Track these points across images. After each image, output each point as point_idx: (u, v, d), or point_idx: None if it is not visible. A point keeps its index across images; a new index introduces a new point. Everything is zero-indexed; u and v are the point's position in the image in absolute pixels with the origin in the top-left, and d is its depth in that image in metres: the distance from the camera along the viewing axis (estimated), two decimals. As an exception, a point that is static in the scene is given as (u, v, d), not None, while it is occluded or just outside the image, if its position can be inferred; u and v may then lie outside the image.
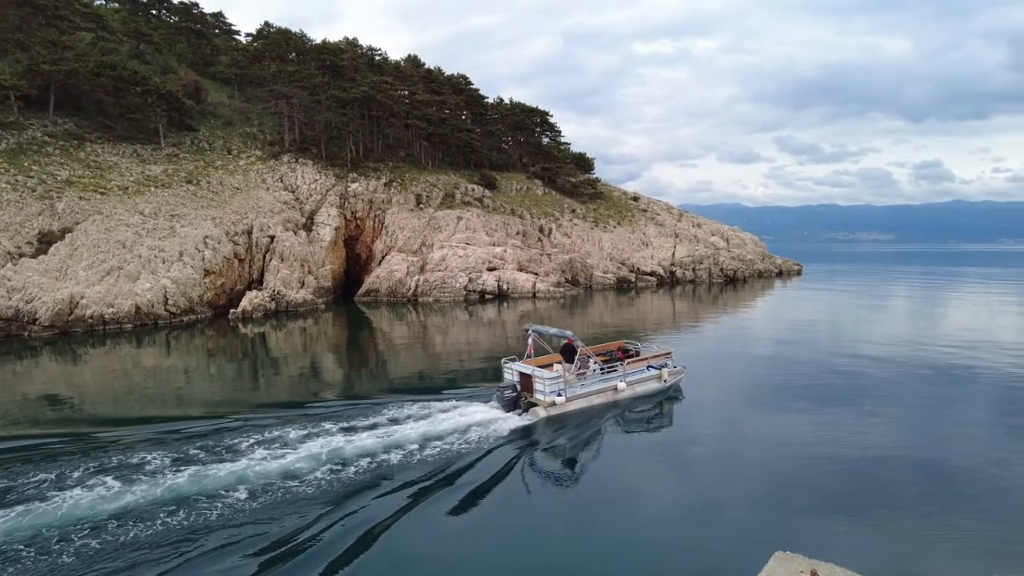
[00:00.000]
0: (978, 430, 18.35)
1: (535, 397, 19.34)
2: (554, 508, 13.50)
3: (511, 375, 20.48)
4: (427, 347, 34.03)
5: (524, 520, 12.81)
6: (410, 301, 52.29)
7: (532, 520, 12.80)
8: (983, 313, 46.88)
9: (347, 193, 58.99)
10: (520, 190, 76.79)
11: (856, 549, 11.15)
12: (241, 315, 41.84)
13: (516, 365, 20.49)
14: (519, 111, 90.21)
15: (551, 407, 18.94)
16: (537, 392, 19.31)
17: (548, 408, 18.93)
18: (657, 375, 21.70)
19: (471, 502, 13.32)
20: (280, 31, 78.36)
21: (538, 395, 19.26)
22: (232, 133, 61.08)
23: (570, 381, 19.51)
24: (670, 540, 11.91)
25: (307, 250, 50.76)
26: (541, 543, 11.72)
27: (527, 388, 19.71)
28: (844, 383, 24.01)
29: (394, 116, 70.64)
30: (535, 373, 19.52)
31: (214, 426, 17.92)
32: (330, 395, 23.13)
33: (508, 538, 12.18)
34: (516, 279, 56.50)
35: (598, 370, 20.58)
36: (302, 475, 14.13)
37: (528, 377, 19.60)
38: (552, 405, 18.94)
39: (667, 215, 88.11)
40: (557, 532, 12.25)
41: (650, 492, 14.40)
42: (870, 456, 15.95)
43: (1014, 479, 14.34)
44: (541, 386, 19.21)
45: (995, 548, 11.31)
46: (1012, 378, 24.40)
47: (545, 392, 19.06)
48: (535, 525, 12.55)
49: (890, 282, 79.79)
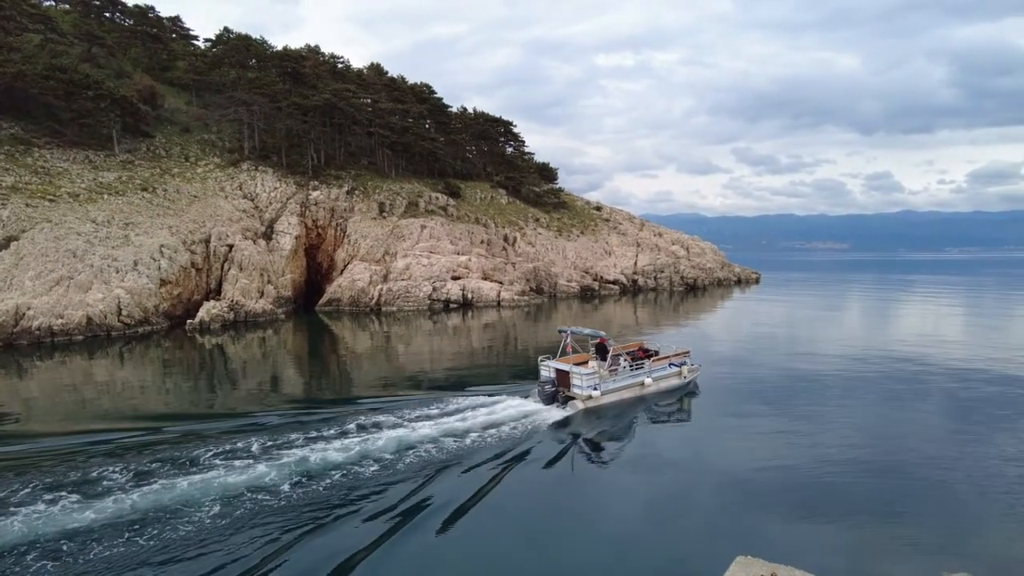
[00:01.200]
0: (927, 433, 19.01)
1: (572, 391, 21.22)
2: (548, 497, 13.73)
3: (548, 372, 22.14)
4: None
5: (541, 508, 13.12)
6: (373, 311, 51.76)
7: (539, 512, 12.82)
8: (931, 320, 48.60)
9: (308, 201, 58.18)
10: (484, 199, 76.88)
11: (815, 551, 11.43)
12: (198, 326, 40.85)
13: (552, 363, 22.29)
14: (483, 121, 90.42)
15: (588, 400, 20.88)
16: (575, 387, 21.19)
17: (586, 401, 20.86)
18: (677, 372, 24.00)
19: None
20: (240, 37, 77.00)
21: (575, 390, 21.16)
22: (190, 140, 59.74)
23: (604, 377, 21.52)
24: (635, 546, 11.99)
25: (267, 259, 49.87)
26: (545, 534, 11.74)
27: (564, 383, 21.53)
28: (801, 388, 24.62)
29: (356, 124, 70.04)
30: (572, 370, 21.34)
31: (172, 435, 17.46)
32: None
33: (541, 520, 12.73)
34: (481, 288, 56.46)
35: (627, 367, 22.75)
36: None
37: (565, 374, 21.49)
38: (589, 398, 20.88)
39: (629, 224, 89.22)
40: (541, 527, 12.28)
41: (614, 497, 14.50)
42: (826, 459, 16.37)
43: (959, 479, 14.89)
44: (579, 381, 21.08)
45: (943, 545, 11.72)
46: (958, 382, 25.34)
47: (582, 387, 20.97)
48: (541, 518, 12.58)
49: (845, 290, 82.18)
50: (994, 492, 14.14)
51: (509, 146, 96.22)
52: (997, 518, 13.00)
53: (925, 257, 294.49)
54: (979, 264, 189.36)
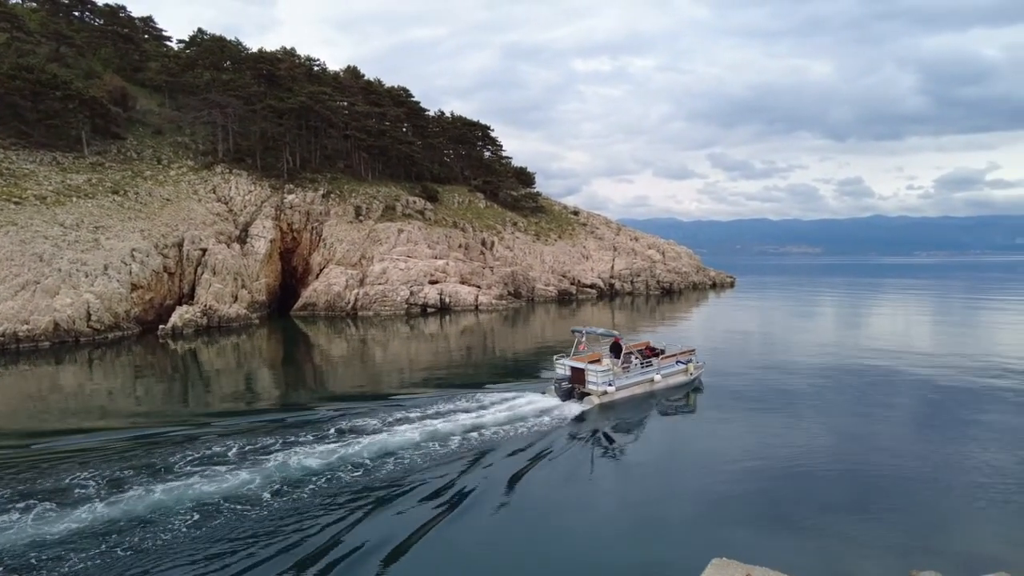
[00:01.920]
0: (896, 433, 19.39)
1: (588, 387, 22.28)
2: (530, 498, 13.60)
3: (563, 370, 23.21)
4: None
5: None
6: (349, 315, 51.36)
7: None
8: (901, 323, 49.60)
9: (283, 205, 57.61)
10: (462, 203, 76.80)
11: (789, 551, 11.57)
12: (171, 331, 40.17)
13: (567, 361, 23.36)
14: (461, 124, 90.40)
15: (603, 395, 22.03)
16: (590, 383, 22.31)
17: (601, 396, 21.98)
18: (684, 369, 25.12)
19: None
20: (214, 38, 76.06)
21: (591, 386, 22.27)
22: (162, 142, 58.78)
23: (617, 374, 22.80)
24: (611, 548, 12.02)
25: (241, 263, 49.24)
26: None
27: (578, 380, 22.55)
28: (775, 390, 24.94)
29: (332, 127, 69.54)
30: (588, 368, 22.47)
31: (145, 441, 17.12)
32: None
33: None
34: (458, 292, 56.33)
35: (639, 365, 23.93)
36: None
37: (581, 371, 22.58)
38: (604, 394, 22.04)
39: (606, 229, 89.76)
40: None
41: (592, 499, 14.54)
42: (800, 460, 16.61)
43: (927, 478, 15.21)
44: (594, 378, 22.27)
45: (912, 543, 11.94)
46: (926, 383, 25.89)
47: (598, 383, 22.14)
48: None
49: (818, 293, 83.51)
50: (959, 490, 14.46)
51: (487, 150, 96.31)
52: (962, 516, 13.30)
53: (895, 261, 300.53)
54: (947, 268, 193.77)
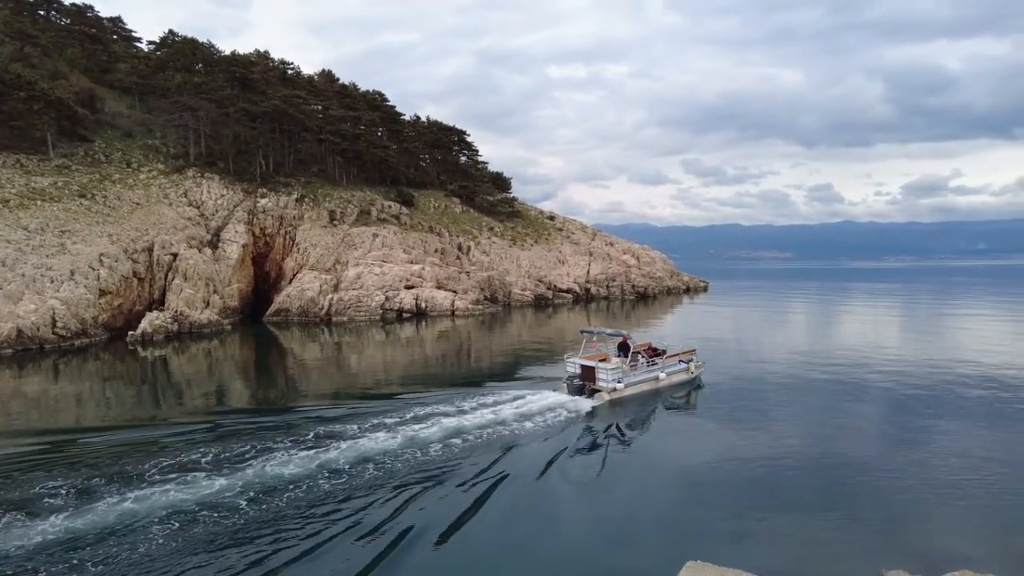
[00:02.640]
0: (867, 434, 19.74)
1: (598, 384, 23.39)
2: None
3: (574, 368, 24.28)
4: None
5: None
6: (323, 321, 50.83)
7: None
8: (870, 327, 50.58)
9: (256, 209, 56.89)
10: (438, 208, 76.62)
11: (763, 553, 11.67)
12: (140, 337, 39.35)
13: (578, 360, 24.46)
14: (436, 129, 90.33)
15: (613, 392, 23.14)
16: (600, 381, 23.41)
17: (611, 393, 23.08)
18: (685, 368, 26.31)
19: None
20: (186, 40, 74.95)
21: (601, 383, 23.36)
22: (132, 145, 57.66)
23: (626, 372, 23.90)
24: (586, 552, 12.03)
25: (212, 268, 48.48)
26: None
27: (588, 378, 23.66)
28: (747, 392, 25.24)
29: (307, 131, 68.93)
30: (598, 366, 23.61)
31: (115, 449, 16.71)
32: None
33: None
34: (435, 297, 56.11)
35: (644, 363, 25.03)
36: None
37: (591, 369, 23.68)
38: (614, 391, 23.15)
39: (582, 234, 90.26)
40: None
41: (570, 505, 14.53)
42: (772, 461, 16.81)
43: (895, 480, 15.48)
44: (604, 376, 23.39)
45: (882, 543, 12.13)
46: (895, 384, 26.40)
47: (608, 380, 23.26)
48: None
49: (789, 298, 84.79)
50: (925, 490, 14.75)
51: (463, 155, 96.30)
52: (928, 515, 13.58)
53: (865, 266, 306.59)
54: (913, 273, 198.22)
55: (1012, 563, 11.23)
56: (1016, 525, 12.96)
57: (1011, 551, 11.91)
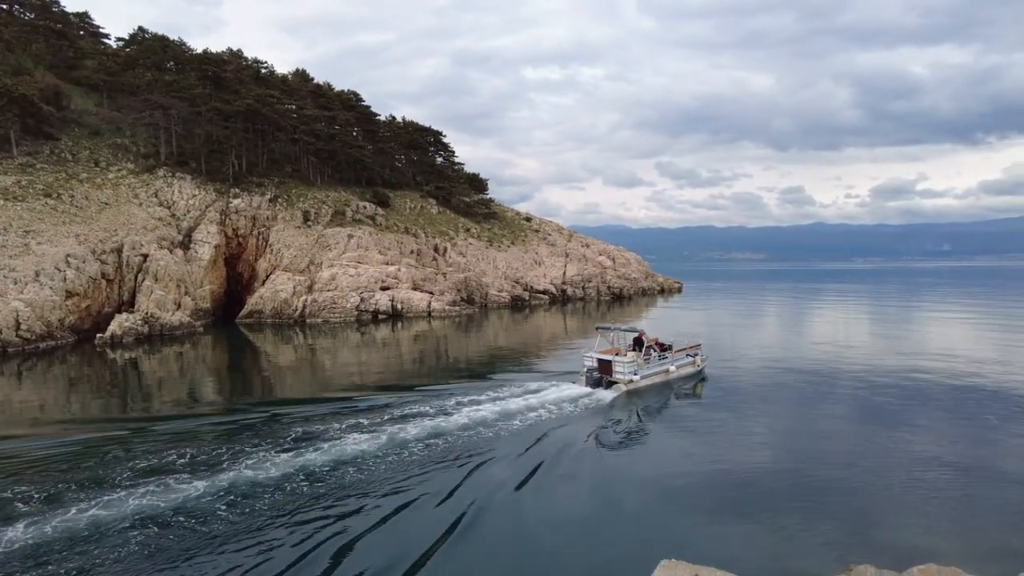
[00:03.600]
0: (836, 432, 20.12)
1: (615, 377, 25.13)
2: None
3: (591, 362, 25.87)
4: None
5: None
6: (297, 323, 50.32)
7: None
8: (841, 326, 51.56)
9: (228, 209, 56.12)
10: (414, 208, 76.33)
11: (735, 551, 11.86)
12: (109, 340, 38.57)
13: (595, 354, 26.03)
14: (412, 130, 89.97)
15: (629, 384, 24.90)
16: (617, 373, 25.15)
17: (627, 384, 24.84)
18: (692, 361, 28.55)
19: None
20: (156, 37, 73.57)
21: (618, 375, 25.13)
22: (100, 144, 56.46)
23: (640, 365, 25.72)
24: (560, 551, 12.10)
25: (184, 269, 47.70)
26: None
27: (605, 371, 25.38)
28: (720, 391, 25.58)
29: (280, 130, 68.19)
30: (615, 360, 25.31)
31: (85, 456, 16.35)
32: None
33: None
34: (411, 298, 55.88)
35: (657, 357, 26.88)
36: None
37: (608, 363, 25.40)
38: (630, 382, 24.94)
39: (558, 235, 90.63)
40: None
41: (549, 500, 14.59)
42: (745, 460, 17.08)
43: (865, 476, 15.83)
44: (621, 369, 25.13)
45: (850, 540, 12.40)
46: (863, 384, 26.97)
47: (624, 373, 25.02)
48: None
49: (762, 299, 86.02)
50: (894, 486, 15.11)
51: (439, 156, 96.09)
52: (896, 510, 13.89)
53: (835, 267, 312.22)
54: (882, 274, 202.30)
55: (975, 556, 11.57)
56: (979, 519, 13.34)
57: (974, 544, 12.27)
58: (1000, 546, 12.23)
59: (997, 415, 21.78)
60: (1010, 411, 22.23)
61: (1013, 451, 17.90)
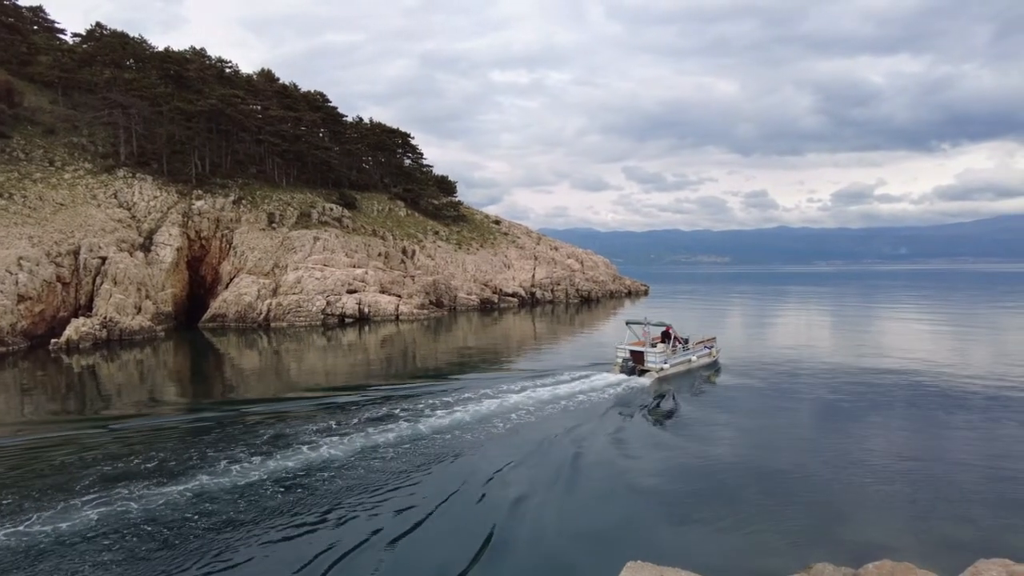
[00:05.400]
0: (797, 432, 20.54)
1: (647, 366, 28.61)
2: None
3: (625, 354, 29.22)
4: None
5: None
6: (261, 326, 49.48)
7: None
8: (803, 327, 52.70)
9: (191, 211, 54.97)
10: (382, 211, 75.78)
11: (700, 552, 12.02)
12: (65, 345, 37.40)
13: (628, 347, 29.48)
14: (380, 131, 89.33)
15: (660, 372, 28.32)
16: (649, 363, 28.67)
17: (659, 372, 28.27)
18: (709, 352, 32.23)
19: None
20: (115, 34, 71.72)
21: (650, 364, 28.62)
22: (55, 143, 54.79)
23: (668, 355, 29.25)
24: (523, 552, 12.11)
25: (145, 272, 46.54)
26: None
27: (638, 361, 28.81)
28: (687, 396, 25.90)
29: (245, 131, 67.06)
30: (647, 351, 28.99)
31: (37, 467, 15.80)
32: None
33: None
34: (378, 302, 55.41)
35: (682, 349, 30.59)
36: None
37: (640, 354, 28.91)
38: (661, 370, 28.39)
39: (527, 238, 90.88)
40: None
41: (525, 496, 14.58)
42: (706, 460, 17.33)
43: (824, 475, 16.19)
44: (652, 359, 28.70)
45: (812, 539, 12.67)
46: (824, 383, 27.61)
47: (656, 362, 28.62)
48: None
49: (726, 300, 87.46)
50: (852, 485, 15.48)
51: (407, 158, 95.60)
52: (854, 509, 14.21)
53: (798, 270, 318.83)
54: (843, 276, 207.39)
55: (927, 551, 11.93)
56: (930, 515, 13.76)
57: (925, 539, 12.65)
58: (951, 539, 12.65)
59: (947, 411, 22.56)
60: (959, 408, 23.00)
61: (960, 447, 18.54)
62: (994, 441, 19.11)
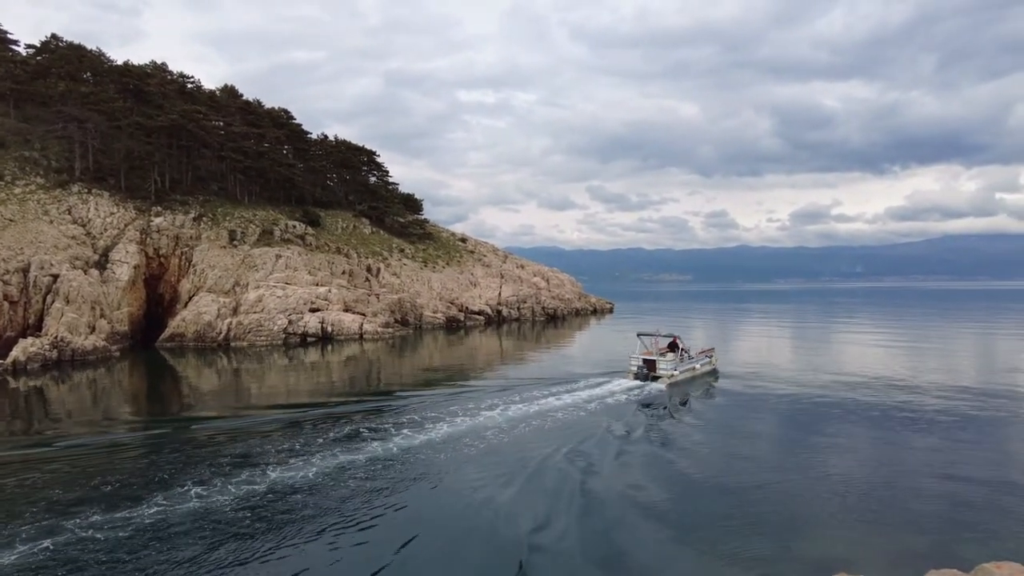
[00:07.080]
0: (761, 449, 20.87)
1: (659, 373, 32.08)
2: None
3: (638, 362, 32.64)
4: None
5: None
6: (221, 346, 48.38)
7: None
8: (764, 345, 53.76)
9: (150, 228, 53.71)
10: (346, 228, 75.17)
11: (663, 572, 12.12)
12: (12, 366, 35.98)
13: (639, 356, 33.00)
14: (344, 148, 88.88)
15: (671, 378, 31.81)
16: (660, 370, 32.16)
17: (670, 379, 31.78)
18: (709, 361, 36.16)
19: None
20: (71, 46, 70.04)
21: (661, 372, 32.13)
22: (5, 156, 53.06)
23: (678, 364, 32.76)
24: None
25: (99, 290, 45.18)
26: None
27: (651, 369, 32.25)
28: (642, 410, 26.15)
29: (207, 147, 66.02)
30: (659, 359, 32.58)
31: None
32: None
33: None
34: (342, 320, 54.74)
35: (688, 357, 34.19)
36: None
37: (653, 362, 32.43)
38: (672, 377, 31.89)
39: (493, 256, 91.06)
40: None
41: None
42: (679, 478, 17.49)
43: (788, 491, 16.48)
44: (664, 366, 32.22)
45: (774, 555, 12.84)
46: (787, 399, 28.19)
47: (667, 370, 32.12)
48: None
49: (689, 318, 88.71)
50: (815, 500, 15.81)
51: (372, 175, 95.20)
52: (816, 524, 14.49)
53: (758, 288, 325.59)
54: (802, 294, 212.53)
55: (882, 564, 12.26)
56: (884, 529, 14.11)
57: (880, 553, 12.96)
58: (904, 550, 13.01)
59: (902, 426, 23.25)
60: (913, 422, 23.73)
61: (914, 460, 19.12)
62: (943, 452, 19.78)
